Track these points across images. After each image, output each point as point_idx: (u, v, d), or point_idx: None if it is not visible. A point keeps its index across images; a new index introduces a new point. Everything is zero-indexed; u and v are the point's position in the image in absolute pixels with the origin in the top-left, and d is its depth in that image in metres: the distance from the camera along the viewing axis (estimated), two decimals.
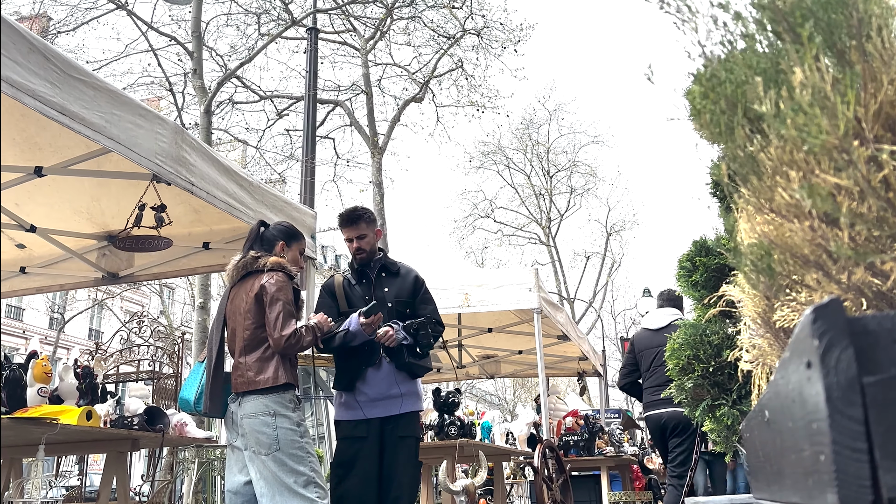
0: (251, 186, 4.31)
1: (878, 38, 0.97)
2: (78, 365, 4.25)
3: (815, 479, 0.73)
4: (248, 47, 14.17)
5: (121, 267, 5.40)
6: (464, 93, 16.62)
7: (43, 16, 13.84)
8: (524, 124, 26.47)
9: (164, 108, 15.73)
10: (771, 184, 1.05)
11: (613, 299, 30.01)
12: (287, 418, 3.12)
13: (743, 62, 1.11)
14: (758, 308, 1.35)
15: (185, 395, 3.34)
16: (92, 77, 3.16)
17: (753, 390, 1.68)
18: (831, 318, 0.69)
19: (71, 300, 25.61)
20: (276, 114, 15.26)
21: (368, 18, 15.28)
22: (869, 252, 0.92)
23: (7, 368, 3.68)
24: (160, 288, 23.60)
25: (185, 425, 4.63)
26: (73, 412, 3.70)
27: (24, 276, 5.46)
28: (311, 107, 8.86)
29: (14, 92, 2.69)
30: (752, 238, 1.20)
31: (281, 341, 3.13)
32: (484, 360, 10.35)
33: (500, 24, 15.83)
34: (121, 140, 3.26)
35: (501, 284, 6.79)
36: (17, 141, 3.84)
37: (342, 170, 34.50)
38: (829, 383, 0.67)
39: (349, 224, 3.81)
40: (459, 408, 6.43)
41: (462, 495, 4.95)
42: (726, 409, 2.18)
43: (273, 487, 3.04)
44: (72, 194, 4.59)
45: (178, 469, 7.61)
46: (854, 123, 0.91)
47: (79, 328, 28.59)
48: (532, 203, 26.92)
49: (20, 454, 4.45)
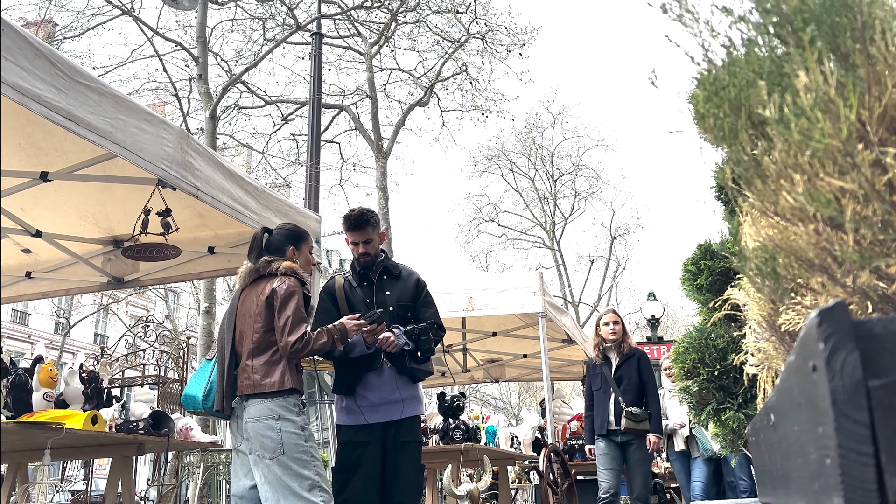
0: (256, 191, 4.32)
1: (881, 42, 0.97)
2: (83, 369, 4.26)
3: (821, 482, 0.72)
4: (253, 52, 14.23)
5: (126, 272, 5.40)
6: (468, 97, 16.66)
7: (48, 21, 13.90)
8: (528, 128, 26.49)
9: (169, 113, 15.78)
10: (775, 187, 1.05)
11: (618, 303, 29.91)
12: (291, 422, 3.12)
13: (746, 66, 1.11)
14: (763, 311, 1.35)
15: (192, 392, 3.31)
16: (97, 82, 3.18)
17: (759, 394, 1.67)
18: (837, 322, 0.69)
19: (76, 305, 25.67)
20: (281, 118, 15.31)
21: (373, 23, 15.33)
22: (874, 255, 0.92)
23: (13, 373, 3.69)
24: (165, 292, 23.64)
25: (191, 429, 4.63)
26: (78, 417, 3.70)
27: (29, 281, 5.48)
28: (316, 111, 8.88)
29: (20, 97, 2.70)
30: (756, 242, 1.20)
31: (288, 346, 3.14)
32: (488, 363, 10.34)
33: (505, 27, 15.87)
34: (126, 145, 3.27)
35: (506, 288, 6.79)
36: (23, 146, 3.86)
37: (347, 174, 34.46)
38: (834, 387, 0.67)
39: (356, 229, 3.78)
40: (464, 412, 6.43)
41: (467, 499, 4.94)
42: (732, 413, 2.18)
43: (278, 491, 3.04)
44: (77, 199, 4.60)
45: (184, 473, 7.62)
46: (858, 127, 0.91)
47: (84, 333, 28.65)
48: (536, 207, 26.92)
49: (26, 459, 4.46)
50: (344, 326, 3.34)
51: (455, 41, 15.56)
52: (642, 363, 5.40)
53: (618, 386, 5.28)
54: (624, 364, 5.36)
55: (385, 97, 16.48)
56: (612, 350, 5.44)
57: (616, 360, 5.40)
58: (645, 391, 5.31)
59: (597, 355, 5.47)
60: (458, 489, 5.00)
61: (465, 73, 16.22)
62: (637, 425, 5.13)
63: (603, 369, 5.40)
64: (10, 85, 2.64)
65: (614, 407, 5.24)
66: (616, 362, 5.40)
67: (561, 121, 28.56)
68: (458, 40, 15.55)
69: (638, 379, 5.31)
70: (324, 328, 3.28)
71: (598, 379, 5.43)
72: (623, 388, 5.27)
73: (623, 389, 5.26)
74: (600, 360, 5.44)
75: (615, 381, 5.31)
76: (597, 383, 5.44)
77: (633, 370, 5.33)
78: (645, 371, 5.36)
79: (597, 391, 5.42)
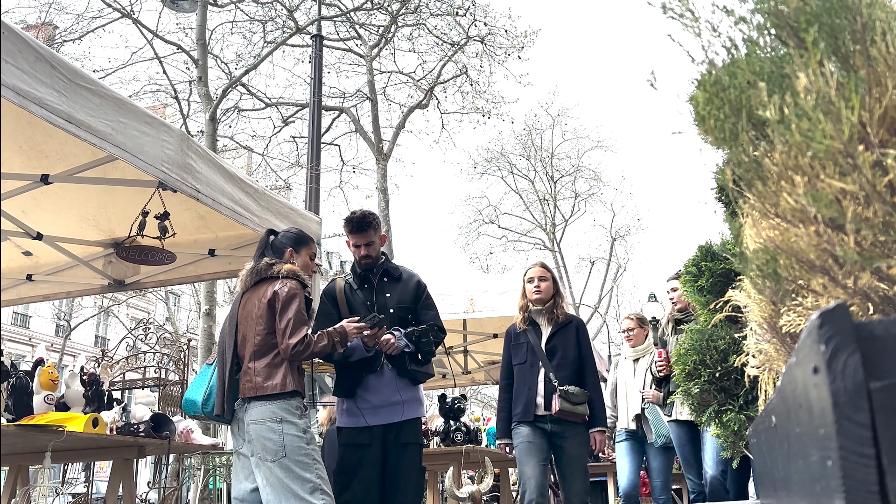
0: (256, 193, 4.32)
1: (882, 43, 0.97)
2: (84, 372, 4.27)
3: (823, 484, 0.72)
4: (253, 55, 14.24)
5: (127, 274, 5.41)
6: (468, 99, 16.66)
7: (49, 24, 13.92)
8: (527, 130, 26.49)
9: (169, 116, 15.80)
10: (776, 189, 1.05)
11: (619, 304, 29.84)
12: (293, 425, 3.12)
13: (747, 67, 1.11)
14: (764, 313, 1.34)
15: (192, 396, 3.32)
16: (98, 85, 3.18)
17: (760, 395, 1.67)
18: (838, 323, 0.69)
19: (77, 307, 25.68)
20: (281, 121, 15.33)
21: (373, 26, 15.35)
22: (875, 257, 0.92)
23: (14, 376, 3.69)
24: (166, 295, 23.65)
25: (192, 432, 4.63)
26: (79, 419, 3.71)
27: (30, 284, 5.48)
28: (317, 114, 8.88)
29: (21, 100, 2.71)
30: (757, 243, 1.20)
31: (289, 348, 3.14)
32: (489, 365, 10.33)
33: (505, 30, 15.87)
34: (127, 147, 3.28)
35: (507, 290, 6.78)
36: (24, 149, 3.86)
37: (348, 176, 34.50)
38: (835, 388, 0.67)
39: (358, 231, 3.78)
40: (465, 414, 6.43)
41: (468, 502, 4.94)
42: (733, 415, 2.18)
43: (280, 494, 3.04)
44: (78, 202, 4.60)
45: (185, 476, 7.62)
46: (859, 128, 0.91)
47: (85, 335, 28.65)
48: (536, 208, 26.91)
49: (27, 461, 4.47)
50: (344, 329, 3.34)
51: (455, 44, 15.58)
52: (581, 334, 4.22)
53: (549, 360, 4.08)
54: (558, 334, 4.15)
55: (385, 99, 16.50)
56: (542, 315, 4.23)
57: (548, 329, 4.19)
58: (583, 371, 4.12)
59: (522, 320, 4.25)
60: (460, 491, 5.00)
61: (465, 76, 16.24)
62: (574, 409, 3.95)
63: (529, 337, 4.18)
64: (10, 88, 2.65)
65: (544, 385, 4.03)
66: (548, 331, 4.18)
67: (560, 122, 28.52)
68: (457, 43, 15.57)
69: (576, 353, 4.13)
70: (324, 331, 3.29)
71: (521, 350, 4.19)
72: (557, 364, 4.06)
73: (557, 365, 4.06)
74: (525, 327, 4.22)
75: (547, 352, 4.11)
76: (520, 355, 4.18)
77: (571, 343, 4.14)
78: (584, 345, 4.21)
79: (519, 365, 4.16)
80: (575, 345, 4.14)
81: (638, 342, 5.59)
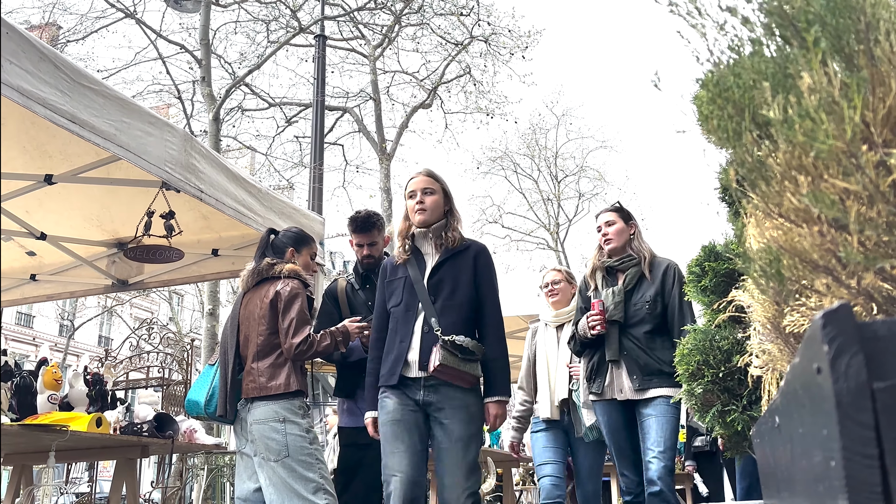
0: (260, 193, 4.32)
1: (886, 43, 0.97)
2: (88, 372, 4.27)
3: (826, 485, 0.72)
4: (256, 55, 14.25)
5: (131, 274, 5.42)
6: (472, 99, 16.68)
7: (52, 25, 13.95)
8: (531, 129, 26.48)
9: (173, 116, 15.82)
10: (779, 189, 1.04)
11: None
12: (296, 425, 3.12)
13: (750, 67, 1.11)
14: (767, 313, 1.34)
15: (194, 397, 3.33)
16: (101, 85, 3.19)
17: (763, 396, 1.67)
18: (841, 324, 0.69)
19: (81, 307, 25.73)
20: (285, 121, 15.35)
21: (376, 25, 15.36)
22: (878, 257, 0.92)
23: (17, 375, 3.70)
24: (169, 295, 23.67)
25: (195, 432, 4.64)
26: (83, 419, 3.71)
27: (34, 284, 5.49)
28: (320, 113, 8.89)
29: (24, 100, 2.71)
30: (761, 243, 1.20)
31: (292, 348, 3.14)
32: None
33: (508, 30, 15.87)
34: (130, 147, 3.28)
35: (509, 290, 6.76)
36: (28, 149, 3.87)
37: (351, 176, 34.51)
38: (839, 389, 0.67)
39: (362, 231, 3.76)
40: None
41: None
42: (736, 415, 2.17)
43: (283, 494, 3.05)
44: (82, 202, 4.61)
45: (188, 476, 7.63)
46: (862, 128, 0.91)
47: (88, 335, 28.70)
48: (540, 208, 26.89)
49: (31, 461, 4.47)
50: (347, 329, 3.35)
51: (458, 43, 15.58)
52: (481, 264, 3.03)
53: (432, 300, 2.93)
54: (447, 264, 2.99)
55: (388, 99, 16.52)
56: (428, 241, 3.06)
57: (434, 258, 3.03)
58: (482, 317, 3.00)
59: (402, 249, 3.06)
60: None
61: (469, 76, 16.25)
62: (460, 365, 2.79)
63: (408, 271, 3.02)
64: (14, 88, 2.65)
65: (421, 336, 2.90)
66: (433, 261, 3.02)
67: (565, 122, 28.57)
68: (461, 43, 15.57)
69: (471, 292, 2.97)
70: (327, 330, 3.29)
71: (397, 289, 3.03)
72: (442, 305, 2.92)
73: (442, 307, 2.92)
74: (406, 258, 3.04)
75: (430, 290, 2.96)
76: (395, 296, 3.03)
77: (465, 276, 2.98)
78: (485, 280, 3.02)
79: (394, 308, 3.02)
80: (471, 279, 2.99)
81: (564, 302, 4.16)
